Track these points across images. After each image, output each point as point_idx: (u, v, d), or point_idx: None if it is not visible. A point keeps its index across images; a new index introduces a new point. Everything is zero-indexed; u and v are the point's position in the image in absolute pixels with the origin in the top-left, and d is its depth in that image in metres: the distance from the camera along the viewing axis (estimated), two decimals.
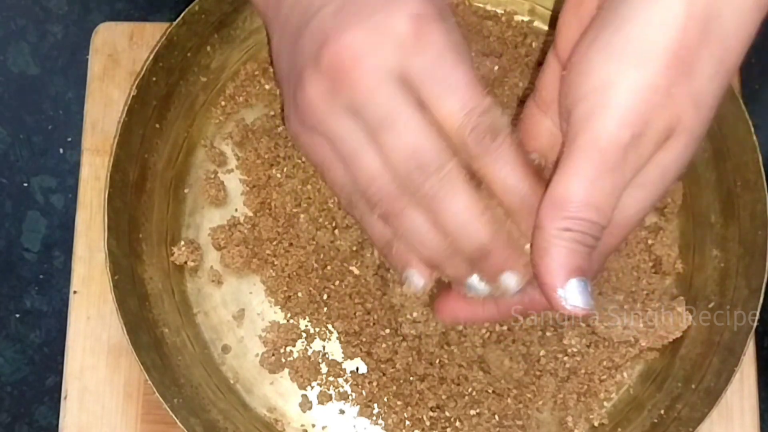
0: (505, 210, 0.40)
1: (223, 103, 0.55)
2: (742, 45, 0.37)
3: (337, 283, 0.52)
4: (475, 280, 0.42)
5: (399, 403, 0.51)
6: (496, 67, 0.54)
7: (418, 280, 0.43)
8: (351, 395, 0.52)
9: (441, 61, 0.38)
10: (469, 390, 0.50)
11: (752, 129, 0.49)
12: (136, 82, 0.51)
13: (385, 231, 0.42)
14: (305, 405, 0.52)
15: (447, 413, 0.50)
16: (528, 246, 0.40)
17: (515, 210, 0.40)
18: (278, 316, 0.53)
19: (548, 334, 0.51)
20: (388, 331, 0.51)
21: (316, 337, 0.52)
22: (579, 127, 0.36)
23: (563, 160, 0.37)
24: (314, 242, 0.52)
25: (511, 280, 0.41)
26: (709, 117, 0.37)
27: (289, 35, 0.42)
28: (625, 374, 0.52)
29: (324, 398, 0.52)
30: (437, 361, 0.51)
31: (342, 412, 0.52)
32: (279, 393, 0.52)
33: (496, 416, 0.50)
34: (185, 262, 0.53)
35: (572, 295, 0.37)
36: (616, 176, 0.36)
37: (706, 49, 0.36)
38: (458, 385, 0.51)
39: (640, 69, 0.35)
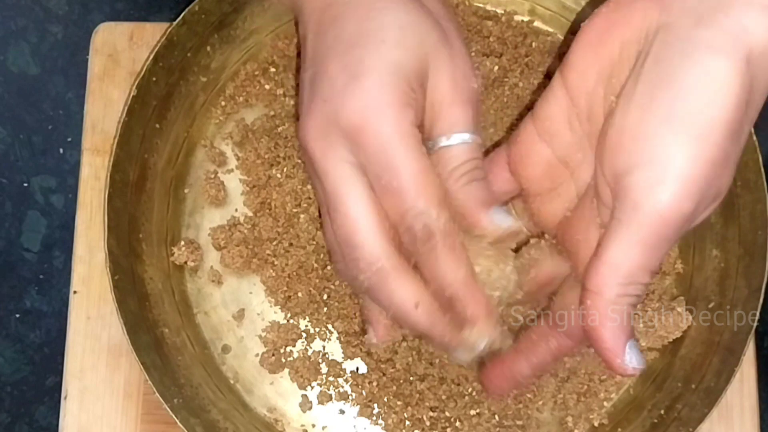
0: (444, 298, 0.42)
1: (223, 103, 0.55)
2: (764, 100, 0.38)
3: (337, 283, 0.52)
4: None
5: (399, 403, 0.51)
6: (496, 67, 0.54)
7: (371, 336, 0.47)
8: (351, 395, 0.52)
9: (380, 161, 0.40)
10: (469, 390, 0.50)
11: (752, 129, 0.49)
12: (136, 82, 0.51)
13: (355, 283, 0.44)
14: (305, 405, 0.52)
15: (447, 413, 0.50)
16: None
17: (446, 304, 0.42)
18: (278, 316, 0.53)
19: None
20: None
21: (316, 337, 0.52)
22: (638, 196, 0.37)
23: (619, 227, 0.38)
24: (314, 242, 0.52)
25: (464, 356, 0.44)
26: None
27: (316, 60, 0.44)
28: None
29: (324, 398, 0.52)
30: (437, 361, 0.51)
31: (342, 412, 0.52)
32: (279, 393, 0.52)
33: (496, 416, 0.50)
34: (185, 262, 0.53)
35: (632, 359, 0.39)
36: (671, 243, 0.38)
37: (747, 115, 0.37)
38: (458, 385, 0.51)
39: (701, 142, 0.36)
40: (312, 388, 0.52)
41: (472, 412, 0.50)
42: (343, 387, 0.52)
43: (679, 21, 0.37)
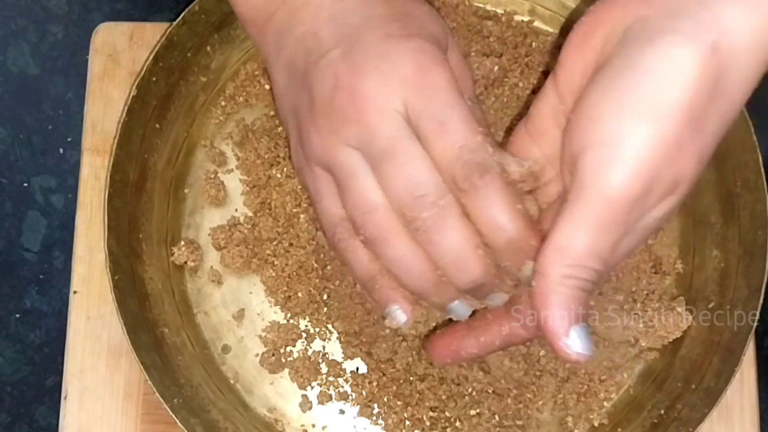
0: (491, 247, 0.41)
1: (223, 103, 0.55)
2: (744, 98, 0.37)
3: (337, 283, 0.52)
4: (457, 304, 0.43)
5: (399, 403, 0.51)
6: (496, 67, 0.54)
7: (400, 315, 0.44)
8: (351, 395, 0.52)
9: (439, 100, 0.40)
10: (469, 390, 0.50)
11: (752, 129, 0.49)
12: (136, 82, 0.51)
13: (370, 265, 0.44)
14: (305, 405, 0.52)
15: (447, 413, 0.50)
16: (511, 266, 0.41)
17: (499, 248, 0.41)
18: (278, 316, 0.53)
19: None
20: (388, 331, 0.51)
21: (316, 337, 0.52)
22: (588, 176, 0.36)
23: (568, 207, 0.37)
24: (314, 242, 0.52)
25: (498, 300, 0.43)
26: (705, 168, 0.38)
27: (295, 76, 0.44)
28: (625, 374, 0.52)
29: (324, 398, 0.52)
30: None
31: (342, 412, 0.52)
32: (279, 393, 0.52)
33: (496, 416, 0.50)
34: (185, 262, 0.53)
35: (576, 343, 0.38)
36: (620, 227, 0.37)
37: (713, 106, 0.36)
38: (458, 385, 0.51)
39: (654, 125, 0.35)
40: (312, 388, 0.52)
41: (472, 412, 0.50)
42: (343, 387, 0.52)
43: (656, 13, 0.36)
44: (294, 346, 0.52)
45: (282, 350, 0.52)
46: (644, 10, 0.37)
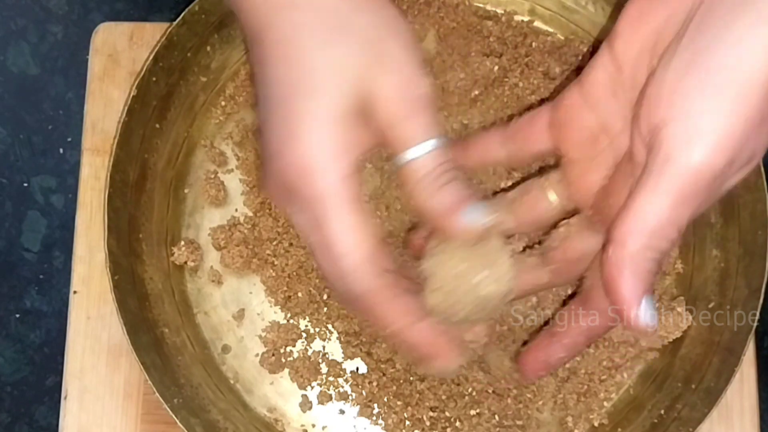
0: None
1: (223, 103, 0.55)
2: None
3: None
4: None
5: (399, 403, 0.51)
6: (496, 67, 0.54)
7: (452, 362, 0.43)
8: (351, 395, 0.52)
9: (311, 215, 0.40)
10: (469, 390, 0.50)
11: None
12: (136, 82, 0.51)
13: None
14: (305, 405, 0.52)
15: (447, 413, 0.50)
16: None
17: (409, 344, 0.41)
18: (278, 316, 0.53)
19: None
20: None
21: (316, 337, 0.52)
22: (671, 148, 0.37)
23: (649, 179, 0.37)
24: None
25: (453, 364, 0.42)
26: None
27: (262, 109, 0.43)
28: (625, 374, 0.52)
29: (324, 398, 0.52)
30: None
31: (342, 412, 0.52)
32: (279, 393, 0.52)
33: (496, 416, 0.50)
34: (185, 262, 0.53)
35: (645, 314, 0.38)
36: (700, 198, 0.37)
37: None
38: (458, 385, 0.51)
39: (739, 100, 0.36)
40: (312, 388, 0.52)
41: (472, 412, 0.50)
42: (343, 387, 0.52)
43: None
44: (294, 346, 0.52)
45: (282, 350, 0.52)
46: None
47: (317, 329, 0.52)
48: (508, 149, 0.46)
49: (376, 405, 0.51)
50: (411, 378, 0.51)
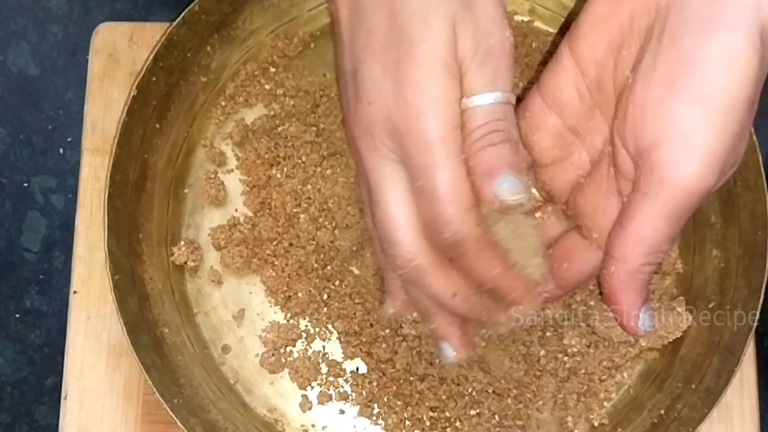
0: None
1: (223, 103, 0.55)
2: None
3: (337, 283, 0.52)
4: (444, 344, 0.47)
5: (399, 403, 0.51)
6: None
7: (389, 307, 0.48)
8: (351, 395, 0.52)
9: (424, 157, 0.41)
10: (469, 390, 0.50)
11: (752, 129, 0.49)
12: (136, 82, 0.51)
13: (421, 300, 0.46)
14: (305, 405, 0.52)
15: (447, 413, 0.50)
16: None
17: (492, 290, 0.43)
18: (278, 316, 0.53)
19: (548, 334, 0.51)
20: (388, 331, 0.51)
21: (316, 337, 0.52)
22: (664, 171, 0.38)
23: (644, 199, 0.39)
24: (314, 242, 0.52)
25: (503, 329, 0.46)
26: None
27: (354, 56, 0.44)
28: (625, 374, 0.52)
29: (324, 398, 0.52)
30: (437, 361, 0.51)
31: (342, 412, 0.52)
32: (279, 393, 0.52)
33: (496, 416, 0.50)
34: (185, 262, 0.53)
35: (645, 323, 0.42)
36: (692, 212, 0.39)
37: (760, 88, 0.39)
38: (458, 385, 0.51)
39: (723, 118, 0.37)
40: (312, 388, 0.52)
41: (472, 412, 0.50)
42: (343, 387, 0.52)
43: None
44: (294, 346, 0.52)
45: (282, 350, 0.52)
46: None
47: (317, 329, 0.52)
48: None
49: (376, 405, 0.51)
50: (411, 378, 0.51)
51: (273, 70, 0.55)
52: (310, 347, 0.52)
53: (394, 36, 0.41)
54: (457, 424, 0.50)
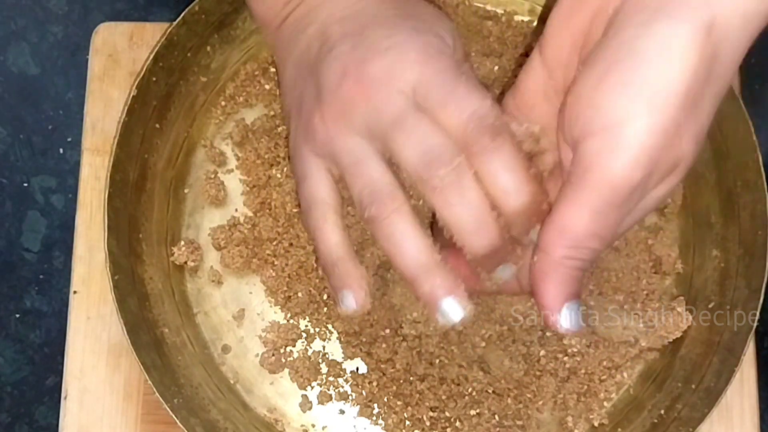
0: (502, 213, 0.41)
1: (223, 103, 0.55)
2: (734, 75, 0.38)
3: None
4: (450, 300, 0.43)
5: (399, 403, 0.51)
6: (496, 67, 0.54)
7: (350, 302, 0.45)
8: (351, 395, 0.52)
9: (444, 75, 0.42)
10: (469, 390, 0.51)
11: (752, 129, 0.49)
12: (136, 82, 0.51)
13: (336, 248, 0.45)
14: (305, 405, 0.52)
15: (447, 413, 0.50)
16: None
17: (512, 212, 0.41)
18: (278, 316, 0.53)
19: (548, 334, 0.51)
20: (388, 331, 0.51)
21: (316, 337, 0.52)
22: (590, 162, 0.37)
23: (570, 190, 0.38)
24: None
25: (508, 272, 0.43)
26: (702, 146, 0.39)
27: (303, 70, 0.46)
28: (625, 374, 0.52)
29: (324, 398, 0.52)
30: (437, 361, 0.51)
31: (342, 412, 0.52)
32: (279, 393, 0.52)
33: (496, 416, 0.50)
34: (185, 262, 0.53)
35: (567, 320, 0.40)
36: (622, 210, 0.38)
37: (708, 87, 0.37)
38: (458, 385, 0.51)
39: (654, 112, 0.36)
40: (312, 388, 0.52)
41: (472, 412, 0.50)
42: (343, 387, 0.52)
43: None
44: (294, 346, 0.52)
45: (282, 350, 0.52)
46: None
47: (317, 329, 0.52)
48: None
49: (376, 405, 0.51)
50: (411, 378, 0.51)
51: (273, 70, 0.55)
52: (310, 347, 0.52)
53: (402, 16, 0.44)
54: (457, 424, 0.50)
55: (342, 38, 0.44)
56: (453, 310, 0.42)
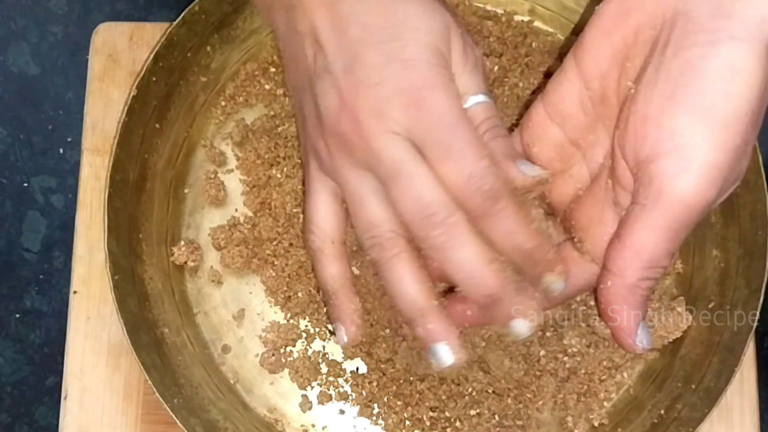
0: (510, 265, 0.42)
1: (223, 103, 0.55)
2: None
3: None
4: (440, 346, 0.44)
5: (399, 403, 0.51)
6: (496, 67, 0.54)
7: (341, 336, 0.48)
8: (351, 395, 0.52)
9: (441, 125, 0.41)
10: (469, 390, 0.50)
11: None
12: (136, 82, 0.51)
13: (332, 281, 0.47)
14: (305, 405, 0.52)
15: (447, 413, 0.50)
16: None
17: (518, 263, 0.42)
18: (278, 316, 0.53)
19: (548, 334, 0.51)
20: (388, 331, 0.51)
21: (316, 337, 0.52)
22: (662, 182, 0.38)
23: (642, 212, 0.39)
24: None
25: (522, 326, 0.43)
26: None
27: (304, 78, 0.45)
28: (625, 374, 0.52)
29: (324, 398, 0.52)
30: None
31: (342, 412, 0.52)
32: (279, 393, 0.52)
33: (496, 416, 0.50)
34: (185, 262, 0.53)
35: (642, 339, 0.41)
36: (692, 226, 0.39)
37: (764, 102, 0.38)
38: (458, 385, 0.51)
39: (725, 131, 0.37)
40: (312, 388, 0.52)
41: (472, 412, 0.50)
42: (343, 387, 0.52)
43: (697, 9, 0.37)
44: (294, 346, 0.52)
45: (282, 350, 0.52)
46: (682, 4, 0.38)
47: (317, 329, 0.52)
48: None
49: (376, 405, 0.51)
50: (411, 378, 0.51)
51: (273, 70, 0.55)
52: (310, 347, 0.52)
53: (395, 28, 0.42)
54: (457, 424, 0.50)
55: (335, 55, 0.43)
56: (444, 355, 0.44)
